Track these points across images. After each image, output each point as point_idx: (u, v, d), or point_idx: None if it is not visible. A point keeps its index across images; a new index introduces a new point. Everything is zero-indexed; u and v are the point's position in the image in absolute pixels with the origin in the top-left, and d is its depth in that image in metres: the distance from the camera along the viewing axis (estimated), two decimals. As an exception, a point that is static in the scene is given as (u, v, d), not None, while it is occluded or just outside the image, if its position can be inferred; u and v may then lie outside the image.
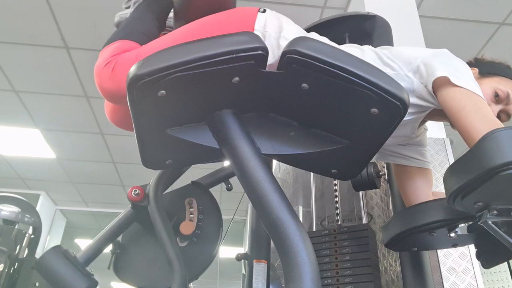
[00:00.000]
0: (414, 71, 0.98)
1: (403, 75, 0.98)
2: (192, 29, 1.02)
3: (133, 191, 1.39)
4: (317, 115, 0.83)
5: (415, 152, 1.17)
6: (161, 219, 1.34)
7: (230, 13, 1.04)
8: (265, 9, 1.01)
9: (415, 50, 1.03)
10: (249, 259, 1.57)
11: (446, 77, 0.90)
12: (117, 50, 1.03)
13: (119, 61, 0.99)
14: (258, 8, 1.01)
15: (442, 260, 1.47)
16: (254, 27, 0.96)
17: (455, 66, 0.95)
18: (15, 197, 1.95)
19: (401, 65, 1.00)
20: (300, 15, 2.91)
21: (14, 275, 1.77)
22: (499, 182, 0.65)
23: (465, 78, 0.91)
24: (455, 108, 0.89)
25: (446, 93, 0.91)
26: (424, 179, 1.17)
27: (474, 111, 0.86)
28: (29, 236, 1.86)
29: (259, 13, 0.99)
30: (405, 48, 1.05)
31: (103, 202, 5.97)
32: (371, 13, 1.59)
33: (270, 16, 1.00)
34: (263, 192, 0.74)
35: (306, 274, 0.66)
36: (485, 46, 3.31)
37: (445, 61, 0.96)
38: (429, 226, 0.94)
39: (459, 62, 0.97)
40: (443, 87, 0.92)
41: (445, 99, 0.92)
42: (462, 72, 0.93)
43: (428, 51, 1.01)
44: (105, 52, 1.04)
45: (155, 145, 0.84)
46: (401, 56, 1.01)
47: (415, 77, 0.98)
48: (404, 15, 2.63)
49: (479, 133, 0.75)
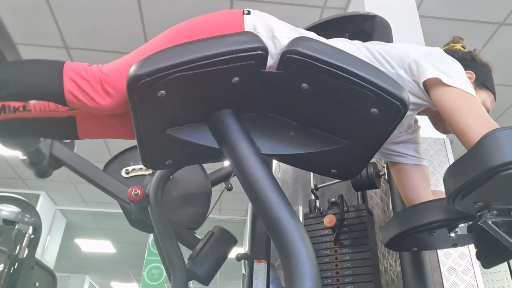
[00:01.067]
0: (405, 69, 0.98)
1: (394, 74, 0.98)
2: (180, 31, 0.99)
3: (133, 191, 1.39)
4: (317, 115, 0.83)
5: (411, 150, 1.17)
6: (161, 219, 1.34)
7: (215, 16, 1.01)
8: (249, 11, 0.97)
9: (408, 47, 1.03)
10: (249, 259, 1.57)
11: (437, 78, 0.90)
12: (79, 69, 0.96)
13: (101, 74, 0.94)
14: (241, 10, 0.97)
15: (442, 260, 1.47)
16: (244, 30, 0.94)
17: (448, 65, 0.94)
18: (15, 197, 1.94)
19: (393, 62, 0.99)
20: (300, 15, 2.91)
21: (14, 275, 1.76)
22: (499, 182, 0.65)
23: (458, 77, 0.91)
24: (449, 108, 0.89)
25: (439, 93, 0.91)
26: (421, 175, 1.17)
27: (468, 111, 0.87)
28: (29, 236, 1.86)
29: (244, 16, 0.96)
30: (399, 45, 1.05)
31: (103, 202, 5.96)
32: (371, 13, 1.59)
33: (257, 17, 0.97)
34: (263, 192, 0.74)
35: (306, 274, 0.66)
36: (485, 46, 3.31)
37: (437, 61, 0.96)
38: (429, 226, 0.94)
39: (451, 61, 0.97)
40: (435, 87, 0.92)
41: (438, 99, 0.92)
42: (455, 71, 0.93)
43: (421, 50, 1.01)
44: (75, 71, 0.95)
45: (155, 145, 0.84)
46: (394, 53, 1.01)
47: (407, 75, 0.98)
48: (404, 15, 2.63)
49: (474, 134, 0.75)
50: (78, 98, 0.94)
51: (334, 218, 1.44)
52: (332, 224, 1.43)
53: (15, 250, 1.80)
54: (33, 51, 3.38)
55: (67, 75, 0.94)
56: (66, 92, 0.94)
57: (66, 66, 0.96)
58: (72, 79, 0.94)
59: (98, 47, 3.37)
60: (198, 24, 1.00)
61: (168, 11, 3.09)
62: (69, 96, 0.94)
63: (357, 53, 0.99)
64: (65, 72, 0.95)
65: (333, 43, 1.01)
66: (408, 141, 1.17)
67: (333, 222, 1.43)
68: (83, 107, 0.97)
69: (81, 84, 0.94)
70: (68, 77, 0.94)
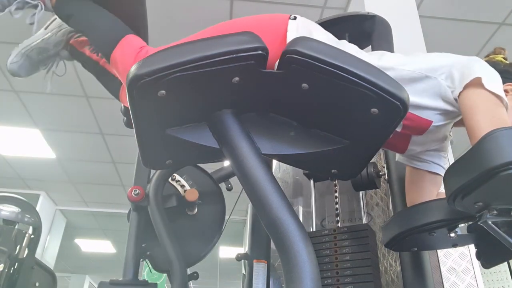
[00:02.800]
0: (446, 74, 0.96)
1: (431, 77, 0.97)
2: (225, 28, 1.02)
3: (133, 191, 1.39)
4: (317, 115, 0.83)
5: (437, 157, 1.16)
6: (161, 219, 1.34)
7: (260, 19, 1.03)
8: (296, 16, 1.01)
9: (448, 54, 1.02)
10: (249, 259, 1.57)
11: (479, 77, 0.88)
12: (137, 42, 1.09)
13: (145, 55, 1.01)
14: (288, 15, 1.01)
15: (442, 260, 1.47)
16: (287, 35, 0.96)
17: (489, 71, 0.92)
18: (15, 197, 1.95)
19: (423, 66, 0.98)
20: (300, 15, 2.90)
21: (14, 275, 1.77)
22: (499, 182, 0.65)
23: (495, 83, 0.89)
24: (468, 106, 0.87)
25: (471, 92, 0.89)
26: (435, 183, 1.16)
27: (485, 111, 0.84)
28: (29, 236, 1.86)
29: (290, 21, 0.99)
30: (436, 54, 1.04)
31: (103, 202, 5.97)
32: (371, 13, 1.59)
33: (301, 24, 1.00)
34: (263, 192, 0.74)
35: (306, 274, 0.66)
36: (485, 46, 3.31)
37: (480, 66, 0.94)
38: (429, 226, 0.94)
39: (492, 70, 0.95)
40: (471, 87, 0.89)
41: (464, 99, 0.90)
42: (495, 78, 0.91)
43: (462, 57, 0.99)
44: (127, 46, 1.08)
45: (155, 145, 0.84)
46: (430, 59, 1.00)
47: (446, 82, 0.96)
48: (404, 15, 2.63)
49: (482, 132, 0.73)
50: (118, 67, 1.07)
51: (334, 218, 1.44)
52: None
53: (15, 250, 1.80)
54: (33, 51, 3.37)
55: (121, 44, 1.08)
56: (112, 56, 1.08)
57: (125, 38, 1.10)
58: (122, 50, 1.08)
59: (98, 47, 3.37)
60: (244, 23, 1.02)
61: (169, 12, 3.09)
62: (113, 60, 1.08)
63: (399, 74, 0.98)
64: (120, 42, 1.09)
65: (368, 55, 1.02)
66: (438, 149, 1.17)
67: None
68: (119, 76, 1.10)
69: (126, 57, 1.05)
70: (120, 46, 1.08)
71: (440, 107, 0.98)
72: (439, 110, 0.99)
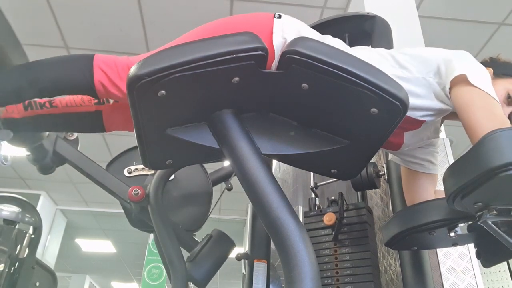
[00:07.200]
0: (434, 71, 0.98)
1: (420, 79, 0.98)
2: (211, 29, 1.01)
3: (133, 191, 1.39)
4: (317, 115, 0.83)
5: (429, 154, 1.17)
6: (161, 219, 1.34)
7: (244, 19, 1.03)
8: (280, 15, 1.00)
9: (435, 50, 1.03)
10: (249, 259, 1.57)
11: (464, 75, 0.90)
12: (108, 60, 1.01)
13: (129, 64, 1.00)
14: (273, 14, 1.00)
15: (442, 260, 1.47)
16: (273, 34, 0.96)
17: (475, 67, 0.94)
18: (15, 197, 1.95)
19: (421, 67, 0.99)
20: (300, 15, 2.90)
21: (14, 275, 1.77)
22: (499, 182, 0.65)
23: (483, 79, 0.90)
24: (465, 103, 0.89)
25: (460, 90, 0.91)
26: (430, 182, 1.18)
27: (483, 109, 0.86)
28: (30, 236, 1.86)
29: (275, 19, 0.98)
30: (425, 49, 1.05)
31: (104, 202, 5.97)
32: (371, 13, 1.59)
33: (286, 22, 0.99)
34: (263, 192, 0.74)
35: (306, 274, 0.66)
36: (485, 46, 3.31)
37: (466, 61, 0.96)
38: (429, 225, 0.94)
39: (478, 65, 0.97)
40: (459, 84, 0.91)
41: (457, 96, 0.91)
42: (481, 73, 0.93)
43: (449, 51, 1.01)
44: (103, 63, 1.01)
45: (155, 145, 0.84)
46: (420, 57, 1.01)
47: (435, 79, 0.98)
48: (404, 15, 2.62)
49: (483, 130, 0.74)
50: (107, 89, 0.97)
51: (333, 217, 1.44)
52: (331, 222, 1.43)
53: (15, 250, 1.80)
54: (33, 51, 3.38)
55: (97, 66, 0.98)
56: (96, 82, 0.97)
57: (96, 58, 0.99)
58: (102, 70, 0.97)
59: (98, 47, 3.37)
60: (230, 22, 1.02)
61: (168, 11, 3.09)
62: (99, 86, 0.97)
63: (382, 62, 1.00)
64: (95, 64, 0.98)
65: (358, 51, 1.02)
66: (428, 144, 1.17)
67: (332, 220, 1.43)
68: (112, 97, 1.00)
69: (111, 74, 0.96)
70: (98, 68, 0.97)
71: (433, 107, 1.00)
72: (432, 109, 1.00)
